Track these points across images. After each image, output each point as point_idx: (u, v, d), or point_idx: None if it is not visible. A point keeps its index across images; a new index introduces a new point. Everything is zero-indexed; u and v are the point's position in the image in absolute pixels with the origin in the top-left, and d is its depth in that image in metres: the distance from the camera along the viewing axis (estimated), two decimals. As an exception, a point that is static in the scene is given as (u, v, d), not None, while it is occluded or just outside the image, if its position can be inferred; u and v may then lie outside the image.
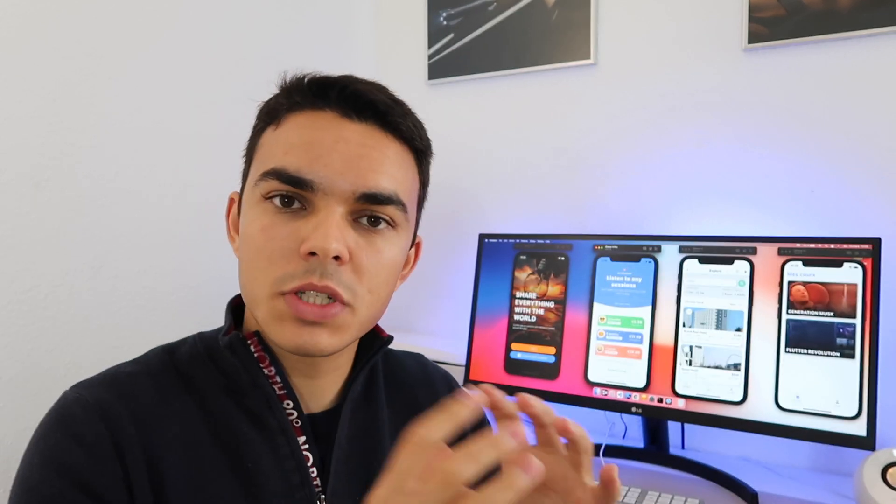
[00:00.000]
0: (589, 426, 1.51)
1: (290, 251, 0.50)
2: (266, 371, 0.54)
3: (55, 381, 0.97)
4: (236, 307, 0.60)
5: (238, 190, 0.60)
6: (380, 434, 0.61)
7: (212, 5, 1.21)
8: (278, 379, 0.54)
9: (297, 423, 0.55)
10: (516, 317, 1.29)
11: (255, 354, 0.54)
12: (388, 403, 0.64)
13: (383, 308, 0.57)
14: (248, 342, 0.55)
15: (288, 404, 0.55)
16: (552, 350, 1.24)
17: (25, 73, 0.93)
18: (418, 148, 0.58)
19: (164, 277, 1.13)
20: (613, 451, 1.21)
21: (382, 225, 0.53)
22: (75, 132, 0.99)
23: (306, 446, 0.55)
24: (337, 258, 0.50)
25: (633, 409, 1.15)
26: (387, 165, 0.53)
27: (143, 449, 0.49)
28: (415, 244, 0.64)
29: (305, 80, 0.55)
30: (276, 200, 0.51)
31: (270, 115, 0.56)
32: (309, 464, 0.54)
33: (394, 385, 0.66)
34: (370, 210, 0.52)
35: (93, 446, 0.48)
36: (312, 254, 0.49)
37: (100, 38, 1.02)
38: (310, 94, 0.54)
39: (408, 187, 0.56)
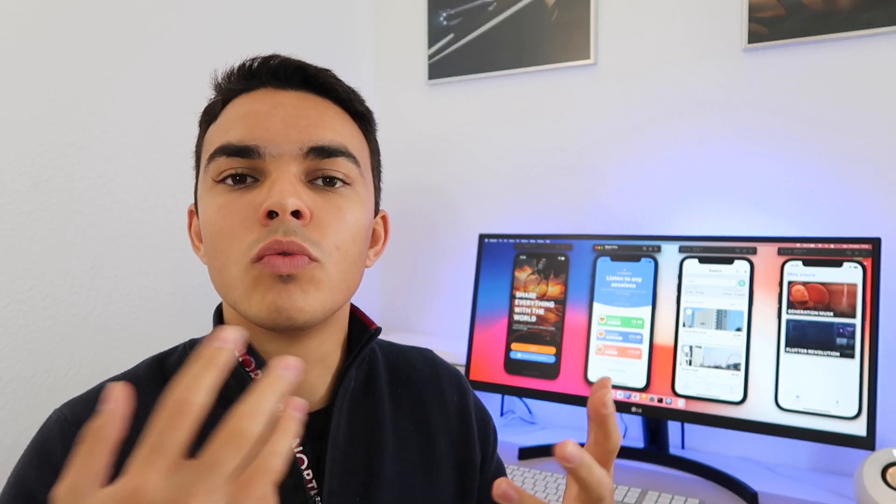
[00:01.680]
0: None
1: (251, 220, 0.49)
2: (252, 375, 0.53)
3: (55, 381, 0.97)
4: (222, 313, 0.59)
5: (194, 201, 0.59)
6: (381, 431, 0.59)
7: (211, 6, 1.21)
8: None
9: None
10: (516, 317, 1.29)
11: (241, 359, 0.53)
12: (391, 399, 0.62)
13: (355, 274, 0.55)
14: None
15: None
16: (552, 350, 1.24)
17: (25, 73, 0.93)
18: (358, 111, 0.57)
19: (164, 277, 1.13)
20: (613, 451, 1.21)
21: (338, 184, 0.53)
22: (75, 132, 0.99)
23: (300, 448, 0.54)
24: (297, 214, 0.49)
25: (633, 409, 1.15)
26: (328, 121, 0.53)
27: (118, 466, 0.49)
28: (381, 217, 0.63)
29: (234, 69, 0.56)
30: (228, 180, 0.51)
31: (209, 114, 0.56)
32: (303, 466, 0.53)
33: (398, 380, 0.64)
34: (322, 168, 0.52)
35: (59, 466, 0.48)
36: (271, 216, 0.48)
37: (99, 39, 1.03)
38: (241, 80, 0.55)
39: (356, 145, 0.55)
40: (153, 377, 0.55)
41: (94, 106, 1.02)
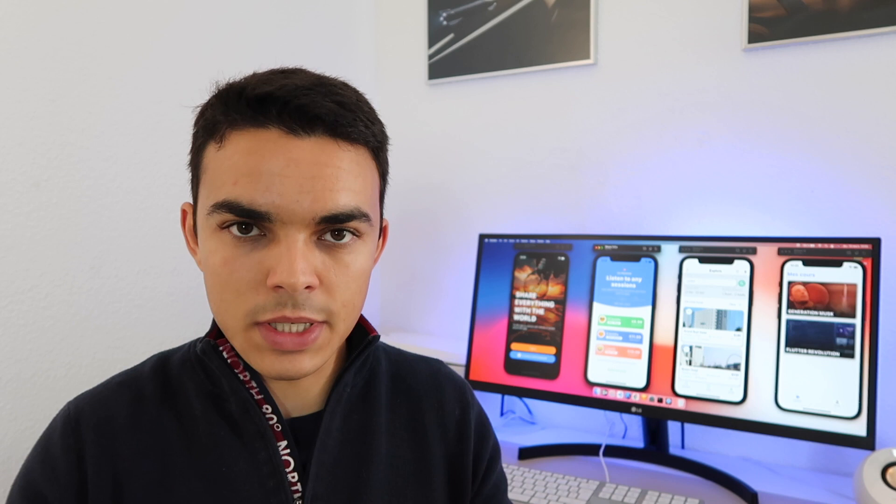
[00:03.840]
0: (589, 426, 1.51)
1: (257, 282, 0.48)
2: (241, 377, 0.54)
3: (55, 381, 0.97)
4: None
5: (189, 201, 0.57)
6: (375, 439, 0.59)
7: (212, 5, 1.21)
8: (255, 384, 0.54)
9: (277, 427, 0.54)
10: (516, 317, 1.29)
11: (229, 360, 0.54)
12: (390, 407, 0.62)
13: (359, 312, 0.55)
14: (221, 348, 0.55)
15: (267, 409, 0.54)
16: (552, 350, 1.24)
17: (25, 73, 0.93)
18: (374, 146, 0.54)
19: (164, 277, 1.13)
20: (613, 451, 1.21)
21: (347, 237, 0.51)
22: (75, 132, 0.99)
23: (287, 451, 0.54)
24: (308, 287, 0.48)
25: (633, 409, 1.15)
26: (343, 180, 0.50)
27: (109, 461, 0.52)
28: (381, 229, 0.61)
29: (244, 96, 0.50)
30: (234, 229, 0.49)
31: (210, 130, 0.52)
32: (289, 469, 0.54)
33: (398, 389, 0.64)
34: (333, 228, 0.50)
35: (57, 460, 0.52)
36: (280, 286, 0.48)
37: (99, 39, 1.03)
38: (249, 111, 0.49)
39: (369, 194, 0.53)
40: (153, 377, 0.57)
41: (94, 106, 1.02)
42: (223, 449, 0.53)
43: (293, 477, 0.54)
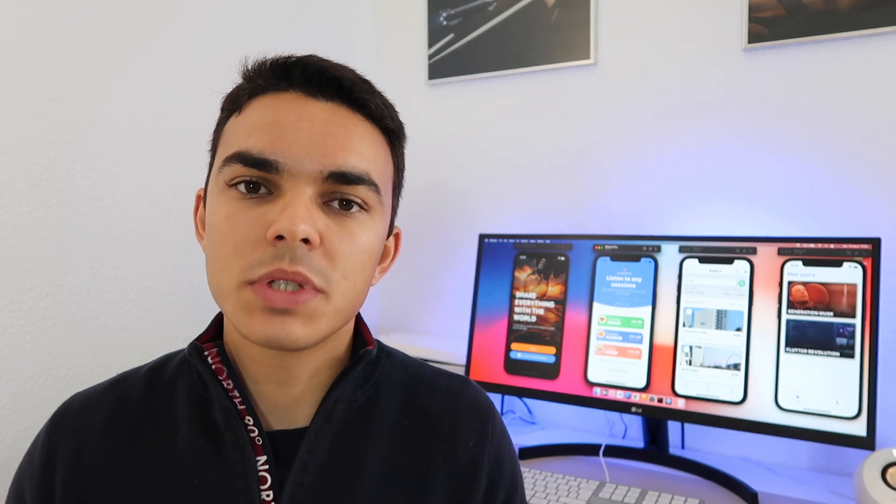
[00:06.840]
0: (589, 426, 1.51)
1: (257, 237, 0.47)
2: (224, 384, 0.52)
3: (55, 381, 0.97)
4: (222, 318, 0.57)
5: (204, 186, 0.56)
6: (366, 463, 0.54)
7: (212, 5, 1.21)
8: (237, 393, 0.52)
9: (258, 440, 0.52)
10: (516, 317, 1.29)
11: (213, 367, 0.52)
12: (394, 429, 0.57)
13: (360, 298, 0.53)
14: (206, 353, 0.53)
15: (249, 420, 0.52)
16: (552, 350, 1.24)
17: (25, 73, 0.93)
18: (389, 128, 0.54)
19: (164, 277, 1.13)
20: (613, 451, 1.21)
21: (355, 208, 0.50)
22: (75, 132, 0.99)
23: (266, 467, 0.51)
24: (306, 241, 0.46)
25: (633, 409, 1.15)
26: (356, 143, 0.50)
27: (80, 466, 0.52)
28: (393, 234, 0.60)
29: (268, 63, 0.52)
30: (241, 186, 0.48)
31: (233, 102, 0.53)
32: (265, 486, 0.50)
33: (409, 409, 0.58)
34: (341, 192, 0.49)
35: (35, 457, 0.53)
36: (280, 238, 0.46)
37: (99, 39, 1.03)
38: (272, 77, 0.51)
39: (380, 168, 0.53)
40: (145, 378, 0.57)
41: (94, 106, 1.02)
42: (200, 459, 0.51)
43: (268, 495, 0.50)
